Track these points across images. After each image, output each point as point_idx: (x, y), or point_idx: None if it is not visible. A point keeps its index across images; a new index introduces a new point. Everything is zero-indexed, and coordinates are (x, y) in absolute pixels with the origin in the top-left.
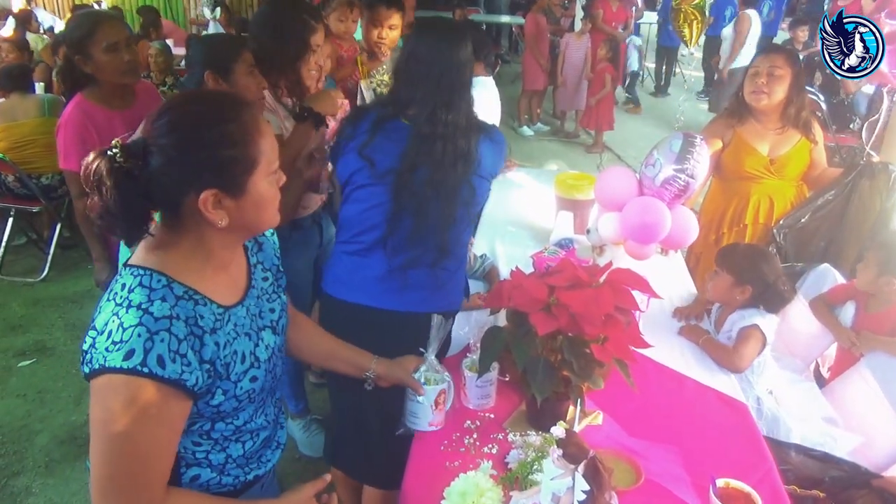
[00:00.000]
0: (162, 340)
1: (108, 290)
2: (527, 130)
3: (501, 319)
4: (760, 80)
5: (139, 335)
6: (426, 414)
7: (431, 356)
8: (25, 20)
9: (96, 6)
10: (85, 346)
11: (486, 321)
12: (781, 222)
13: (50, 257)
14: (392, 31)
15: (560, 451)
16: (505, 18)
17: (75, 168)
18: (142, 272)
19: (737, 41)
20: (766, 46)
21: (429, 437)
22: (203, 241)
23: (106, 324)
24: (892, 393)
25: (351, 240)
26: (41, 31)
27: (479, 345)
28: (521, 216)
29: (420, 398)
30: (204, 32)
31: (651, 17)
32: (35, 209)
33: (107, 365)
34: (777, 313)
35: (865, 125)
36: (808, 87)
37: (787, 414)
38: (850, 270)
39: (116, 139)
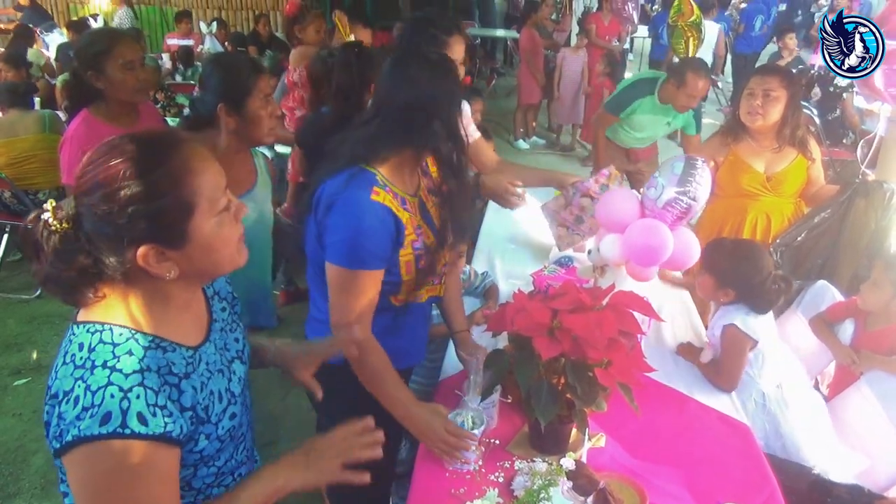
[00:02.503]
0: (138, 397)
1: (61, 352)
2: (522, 144)
3: (503, 340)
4: (756, 102)
5: (112, 396)
6: (472, 454)
7: (473, 403)
8: (27, 35)
9: (92, 21)
10: (47, 418)
11: (489, 343)
12: (778, 240)
13: None
14: None
15: (570, 483)
16: (500, 32)
17: None
18: (99, 328)
19: None
20: (760, 67)
21: (433, 463)
22: (158, 289)
23: (69, 391)
24: (893, 411)
25: None
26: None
27: (481, 367)
28: (521, 233)
29: (471, 443)
30: (201, 47)
31: (644, 32)
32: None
33: (82, 434)
34: (765, 314)
35: (861, 143)
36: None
37: (792, 418)
38: (845, 288)
39: (50, 200)
